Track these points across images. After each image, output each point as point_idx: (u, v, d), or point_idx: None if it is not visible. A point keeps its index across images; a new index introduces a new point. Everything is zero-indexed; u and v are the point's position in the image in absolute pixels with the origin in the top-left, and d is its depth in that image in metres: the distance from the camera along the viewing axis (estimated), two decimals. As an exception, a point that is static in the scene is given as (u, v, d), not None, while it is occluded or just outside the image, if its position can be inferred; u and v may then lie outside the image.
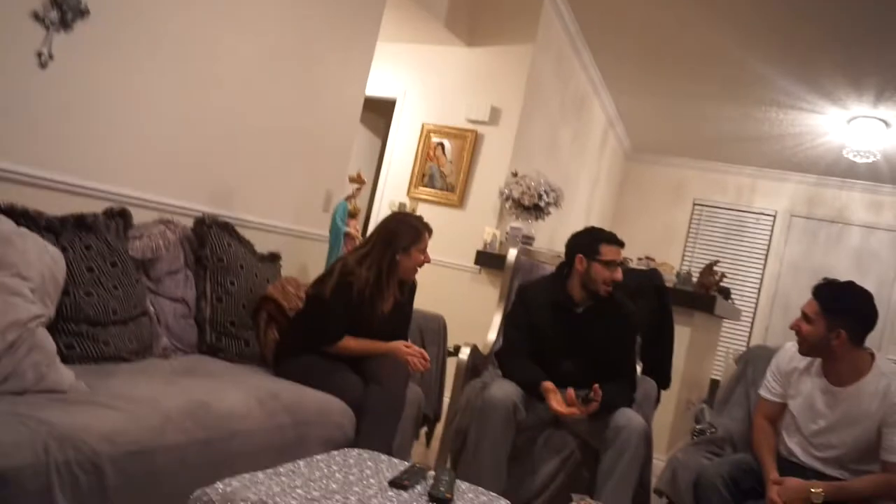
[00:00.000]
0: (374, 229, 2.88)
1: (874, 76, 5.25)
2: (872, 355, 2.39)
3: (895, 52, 4.82)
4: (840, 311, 2.35)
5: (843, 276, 7.62)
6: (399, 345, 2.70)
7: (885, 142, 6.19)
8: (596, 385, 2.61)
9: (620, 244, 2.88)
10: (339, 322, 2.69)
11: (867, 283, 2.47)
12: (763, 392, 2.61)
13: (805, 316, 2.40)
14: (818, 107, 6.00)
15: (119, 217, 2.50)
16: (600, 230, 2.95)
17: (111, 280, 2.31)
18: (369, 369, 2.61)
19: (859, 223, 7.45)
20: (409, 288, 2.94)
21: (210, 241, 2.86)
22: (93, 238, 2.32)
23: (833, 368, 2.41)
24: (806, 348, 2.43)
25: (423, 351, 2.72)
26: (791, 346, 2.58)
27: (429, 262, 2.83)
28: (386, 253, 2.73)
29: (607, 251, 2.83)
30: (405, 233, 2.76)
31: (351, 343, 2.69)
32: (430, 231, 2.84)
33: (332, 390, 2.52)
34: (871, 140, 6.11)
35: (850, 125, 6.14)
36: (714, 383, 5.24)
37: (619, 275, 2.84)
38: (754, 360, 3.00)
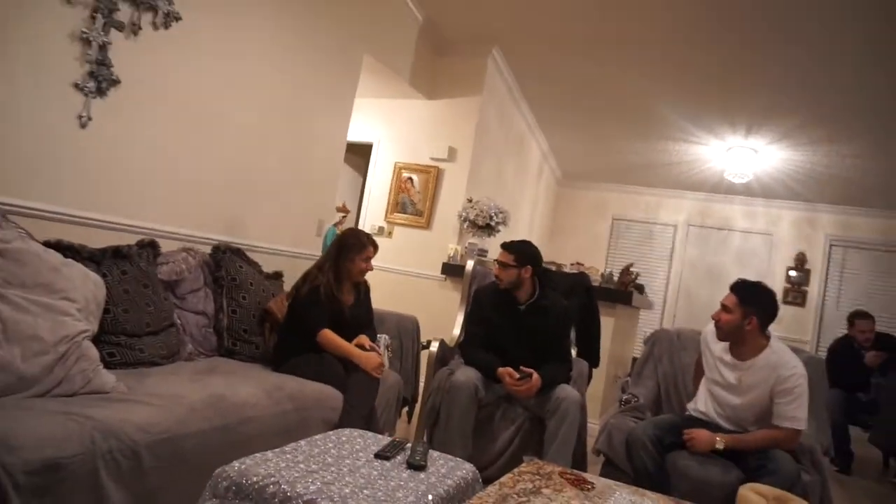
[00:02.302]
0: (332, 241, 2.94)
1: (744, 114, 5.40)
2: (769, 337, 2.43)
3: (759, 95, 4.97)
4: (752, 302, 2.39)
5: (728, 273, 7.68)
6: (367, 358, 2.64)
7: (755, 165, 6.34)
8: (521, 367, 2.69)
9: (508, 249, 2.88)
10: (319, 314, 2.70)
11: (748, 276, 2.51)
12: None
13: (725, 307, 2.42)
14: (703, 139, 6.14)
15: (149, 247, 2.46)
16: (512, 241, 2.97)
17: (144, 299, 2.29)
18: (351, 364, 2.63)
19: (739, 229, 7.63)
20: (364, 289, 2.98)
21: (225, 264, 2.83)
22: (128, 265, 2.29)
23: (739, 349, 2.45)
24: (723, 334, 2.45)
25: (380, 361, 2.68)
26: (711, 327, 2.56)
27: (371, 269, 2.87)
28: (338, 259, 2.81)
29: (499, 254, 2.90)
30: (352, 245, 2.83)
31: (332, 335, 2.66)
32: (374, 245, 2.87)
33: (323, 378, 2.52)
34: (745, 164, 6.26)
35: (728, 153, 6.29)
36: (635, 360, 5.28)
37: (496, 270, 2.89)
38: (658, 341, 3.05)
